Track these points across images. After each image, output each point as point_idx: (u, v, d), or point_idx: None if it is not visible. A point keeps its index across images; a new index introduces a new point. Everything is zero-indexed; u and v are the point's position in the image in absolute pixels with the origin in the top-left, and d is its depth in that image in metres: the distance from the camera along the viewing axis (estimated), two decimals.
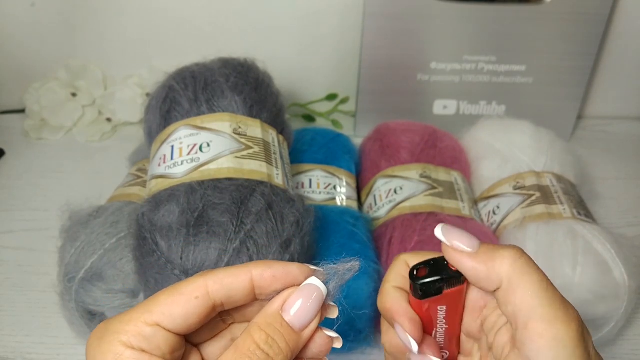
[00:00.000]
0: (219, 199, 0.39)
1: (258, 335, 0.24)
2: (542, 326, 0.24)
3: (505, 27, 0.65)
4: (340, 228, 0.48)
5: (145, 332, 0.23)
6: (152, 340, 0.23)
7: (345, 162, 0.58)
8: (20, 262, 0.55)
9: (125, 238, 0.44)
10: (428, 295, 0.27)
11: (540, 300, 0.24)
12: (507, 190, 0.54)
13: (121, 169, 0.61)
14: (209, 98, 0.45)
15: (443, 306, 0.28)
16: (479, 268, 0.26)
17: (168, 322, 0.24)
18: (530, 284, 0.25)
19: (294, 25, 0.69)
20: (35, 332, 0.49)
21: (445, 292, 0.27)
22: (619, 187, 0.67)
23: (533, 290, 0.25)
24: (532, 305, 0.24)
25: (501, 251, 0.26)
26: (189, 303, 0.24)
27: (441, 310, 0.28)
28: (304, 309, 0.25)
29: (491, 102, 0.70)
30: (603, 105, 0.78)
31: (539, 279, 0.25)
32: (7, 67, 0.73)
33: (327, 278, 0.26)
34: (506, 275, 0.25)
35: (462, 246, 0.26)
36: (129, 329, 0.23)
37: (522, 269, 0.25)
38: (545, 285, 0.25)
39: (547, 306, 0.24)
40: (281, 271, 0.25)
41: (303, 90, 0.73)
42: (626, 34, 0.71)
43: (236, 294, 0.25)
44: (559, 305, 0.24)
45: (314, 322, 0.25)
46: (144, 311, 0.24)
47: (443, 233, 0.27)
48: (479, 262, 0.26)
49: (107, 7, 0.68)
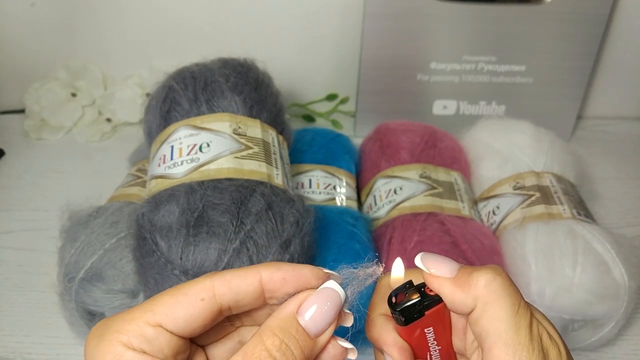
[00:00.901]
0: (219, 199, 0.39)
1: (271, 341, 0.22)
2: (505, 351, 0.24)
3: (505, 27, 0.65)
4: (340, 228, 0.48)
5: (147, 333, 0.22)
6: (154, 342, 0.22)
7: (345, 162, 0.58)
8: (20, 262, 0.55)
9: (125, 238, 0.44)
10: (411, 320, 0.27)
11: (508, 325, 0.24)
12: (506, 190, 0.54)
13: (121, 169, 0.61)
14: (209, 98, 0.45)
15: (430, 327, 0.28)
16: (456, 292, 0.26)
17: (171, 324, 0.23)
18: (500, 307, 0.24)
19: (294, 26, 0.69)
20: (35, 332, 0.49)
21: (427, 314, 0.27)
22: (619, 187, 0.67)
23: (501, 314, 0.24)
24: (498, 329, 0.24)
25: (477, 273, 0.25)
26: (194, 305, 0.23)
27: (429, 332, 0.28)
28: (320, 313, 0.24)
29: (491, 102, 0.70)
30: (603, 105, 0.78)
31: (510, 302, 0.24)
32: (7, 67, 0.73)
33: (345, 283, 0.25)
34: (480, 298, 0.25)
35: (440, 272, 0.26)
36: (130, 328, 0.22)
37: (495, 291, 0.25)
38: (516, 309, 0.24)
39: (513, 332, 0.24)
40: (292, 273, 0.24)
41: (303, 90, 0.73)
42: (626, 34, 0.71)
43: (244, 296, 0.24)
44: (524, 332, 0.24)
45: (330, 329, 0.24)
46: (146, 311, 0.23)
47: (422, 261, 0.27)
48: (456, 286, 0.26)
49: (107, 7, 0.68)
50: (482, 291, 0.25)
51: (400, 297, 0.27)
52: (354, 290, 0.25)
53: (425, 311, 0.27)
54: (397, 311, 0.27)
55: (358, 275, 0.25)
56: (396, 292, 0.27)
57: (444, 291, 0.26)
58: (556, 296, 0.44)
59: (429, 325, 0.28)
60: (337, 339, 0.25)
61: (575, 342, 0.47)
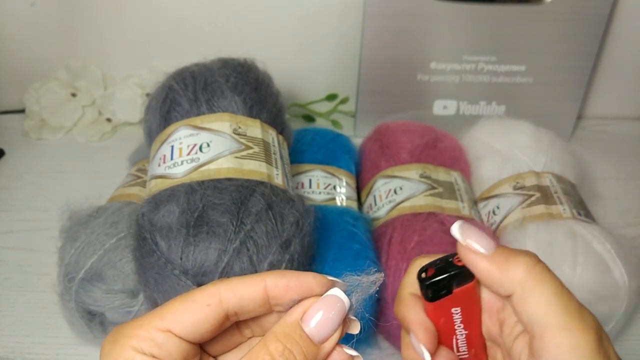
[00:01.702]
0: (219, 199, 0.39)
1: (274, 346, 0.23)
2: (558, 335, 0.23)
3: (505, 27, 0.65)
4: (340, 228, 0.48)
5: (157, 338, 0.23)
6: (163, 347, 0.23)
7: (345, 162, 0.58)
8: (20, 262, 0.55)
9: (125, 238, 0.44)
10: (438, 297, 0.26)
11: (555, 308, 0.24)
12: (507, 190, 0.54)
13: (121, 169, 0.61)
14: (209, 98, 0.45)
15: (457, 308, 0.27)
16: (492, 271, 0.25)
17: (179, 329, 0.23)
18: (545, 292, 0.24)
19: (294, 26, 0.69)
20: (35, 332, 0.49)
21: (455, 292, 0.26)
22: (619, 187, 0.67)
23: (547, 299, 0.24)
24: (547, 314, 0.24)
25: (517, 257, 0.25)
26: (201, 310, 0.24)
27: (456, 313, 0.27)
28: (325, 320, 0.24)
29: (491, 102, 0.70)
30: (603, 105, 0.77)
31: (553, 286, 0.24)
32: (7, 67, 0.73)
33: (350, 290, 0.25)
34: (520, 282, 0.24)
35: (477, 246, 0.25)
36: (140, 334, 0.23)
37: (537, 276, 0.24)
38: (560, 292, 0.24)
39: (563, 315, 0.24)
40: (295, 280, 0.25)
41: (303, 90, 0.73)
42: (626, 34, 0.71)
43: (249, 303, 0.25)
44: (574, 314, 0.24)
45: (335, 336, 0.24)
46: (156, 317, 0.24)
47: (460, 231, 0.26)
48: (492, 265, 0.25)
49: (107, 7, 0.68)
50: (523, 275, 0.24)
51: (430, 272, 0.27)
52: (359, 297, 0.25)
53: (454, 289, 0.26)
54: (425, 285, 0.26)
55: (362, 283, 0.25)
56: (427, 267, 0.27)
57: (480, 267, 0.25)
58: None
59: (457, 304, 0.27)
60: (343, 346, 0.25)
61: None
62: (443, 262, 0.27)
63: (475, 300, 0.28)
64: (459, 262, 0.26)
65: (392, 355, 0.48)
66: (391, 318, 0.45)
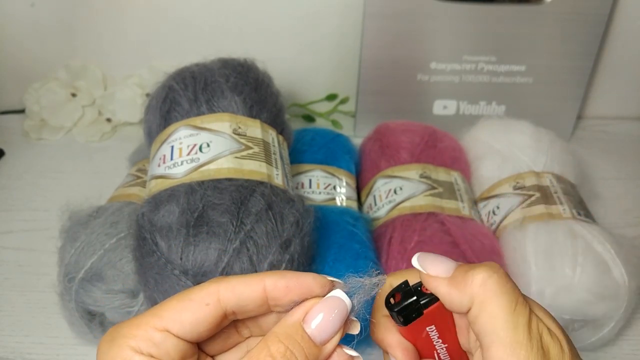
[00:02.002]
0: (219, 199, 0.39)
1: (275, 347, 0.23)
2: (502, 350, 0.23)
3: (505, 27, 0.65)
4: (340, 228, 0.48)
5: (155, 337, 0.23)
6: (161, 346, 0.23)
7: (345, 162, 0.58)
8: (20, 263, 0.55)
9: (125, 238, 0.44)
10: (410, 320, 0.27)
11: (505, 323, 0.24)
12: (506, 190, 0.54)
13: (121, 169, 0.61)
14: (209, 98, 0.45)
15: (431, 326, 0.27)
16: (452, 293, 0.25)
17: (177, 328, 0.23)
18: (496, 305, 0.24)
19: (294, 26, 0.69)
20: (35, 332, 0.49)
21: (425, 312, 0.27)
22: (619, 187, 0.67)
23: (498, 312, 0.24)
24: (496, 328, 0.24)
25: (472, 272, 0.25)
26: (199, 309, 0.24)
27: (431, 331, 0.28)
28: (326, 321, 0.24)
29: (491, 102, 0.70)
30: (603, 105, 0.77)
31: (507, 300, 0.24)
32: (7, 67, 0.73)
33: (351, 291, 0.25)
34: (476, 296, 0.25)
35: (435, 272, 0.26)
36: (138, 333, 0.23)
37: (491, 289, 0.24)
38: (514, 306, 0.24)
39: (511, 330, 0.24)
40: (295, 281, 0.24)
41: (303, 90, 0.73)
42: (626, 34, 0.71)
43: (248, 302, 0.25)
44: (522, 330, 0.24)
45: (336, 337, 0.24)
46: (154, 316, 0.23)
47: (418, 261, 0.27)
48: (452, 287, 0.25)
49: (107, 7, 0.68)
50: (477, 290, 0.25)
51: (398, 298, 0.27)
52: (360, 298, 0.25)
53: (424, 309, 0.27)
54: (394, 312, 0.27)
55: (364, 284, 0.25)
56: (393, 292, 0.27)
57: (441, 291, 0.26)
58: (556, 296, 0.44)
59: (430, 323, 0.27)
60: (344, 347, 0.25)
61: (575, 342, 0.47)
62: (406, 286, 0.27)
63: (447, 315, 0.28)
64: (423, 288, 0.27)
65: None
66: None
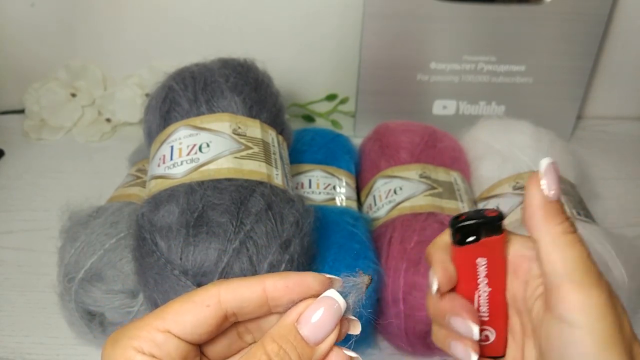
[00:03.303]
0: (219, 200, 0.39)
1: (270, 347, 0.24)
2: (575, 290, 0.25)
3: (505, 27, 0.65)
4: (340, 228, 0.48)
5: (157, 338, 0.24)
6: (162, 347, 0.23)
7: (345, 162, 0.58)
8: (20, 263, 0.55)
9: (125, 238, 0.44)
10: (466, 242, 0.27)
11: (577, 266, 0.25)
12: (506, 190, 0.54)
13: (121, 169, 0.61)
14: (209, 98, 0.45)
15: (483, 258, 0.28)
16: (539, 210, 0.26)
17: (179, 329, 0.24)
18: (573, 251, 0.26)
19: (294, 25, 0.69)
20: (35, 332, 0.49)
21: (483, 240, 0.27)
22: (619, 187, 0.67)
23: (573, 256, 0.25)
24: (568, 269, 0.25)
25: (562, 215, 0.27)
26: (200, 311, 0.24)
27: (481, 265, 0.28)
28: (319, 322, 0.24)
29: (491, 102, 0.70)
30: (603, 105, 0.77)
31: (581, 250, 0.26)
32: (7, 67, 0.73)
33: (347, 291, 0.25)
34: (553, 235, 0.26)
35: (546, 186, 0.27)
36: (141, 334, 0.24)
37: (570, 238, 0.26)
38: (586, 257, 0.26)
39: (583, 274, 0.25)
40: (294, 281, 0.25)
41: (303, 90, 0.73)
42: (626, 34, 0.71)
43: (248, 304, 0.25)
44: (594, 276, 0.25)
45: (331, 337, 0.24)
46: (156, 318, 0.24)
47: (545, 166, 0.27)
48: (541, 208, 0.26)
49: (107, 7, 0.68)
50: (558, 232, 0.26)
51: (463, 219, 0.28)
52: (355, 298, 0.25)
53: (483, 237, 0.27)
54: (454, 227, 0.27)
55: (357, 284, 0.25)
56: (460, 214, 0.28)
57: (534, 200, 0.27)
58: None
59: (483, 254, 0.28)
60: (343, 348, 0.25)
61: None
62: (476, 212, 0.28)
63: (501, 256, 0.28)
64: (491, 213, 0.28)
65: (392, 355, 0.48)
66: (391, 318, 0.46)
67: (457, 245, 0.28)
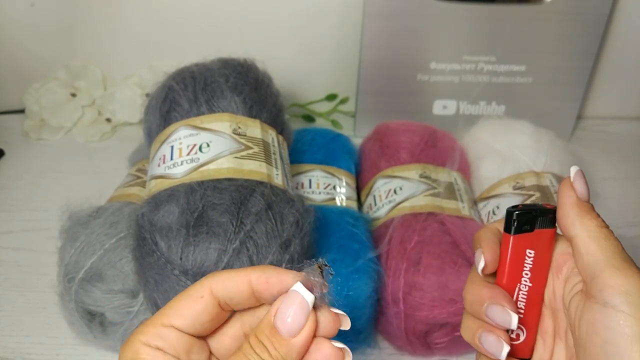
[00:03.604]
0: (219, 199, 0.39)
1: (252, 340, 0.25)
2: (618, 275, 0.26)
3: (505, 27, 0.65)
4: (340, 228, 0.48)
5: (162, 332, 0.25)
6: (167, 340, 0.25)
7: (345, 162, 0.58)
8: (20, 263, 0.55)
9: (125, 238, 0.44)
10: (520, 229, 0.28)
11: (615, 255, 0.26)
12: (506, 190, 0.54)
13: (121, 169, 0.61)
14: (209, 98, 0.45)
15: (532, 250, 0.28)
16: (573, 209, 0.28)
17: (180, 322, 0.26)
18: (609, 243, 0.27)
19: (294, 25, 0.69)
20: (35, 332, 0.49)
21: (536, 231, 0.28)
22: (619, 187, 0.67)
23: (610, 247, 0.27)
24: (607, 257, 0.26)
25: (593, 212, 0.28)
26: (196, 302, 0.26)
27: (529, 257, 0.28)
28: (288, 315, 0.25)
29: (491, 102, 0.70)
30: (603, 105, 0.77)
31: (616, 243, 0.27)
32: (7, 67, 0.73)
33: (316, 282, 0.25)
34: (589, 229, 0.27)
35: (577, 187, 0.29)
36: (148, 330, 0.26)
37: (605, 232, 0.27)
38: (621, 249, 0.27)
39: (622, 261, 0.26)
40: (274, 277, 0.26)
41: (303, 90, 0.73)
42: (626, 34, 0.71)
43: (236, 295, 0.26)
44: (632, 263, 0.26)
45: (306, 330, 0.25)
46: (161, 315, 0.26)
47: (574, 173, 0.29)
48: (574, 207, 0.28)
49: (107, 7, 0.68)
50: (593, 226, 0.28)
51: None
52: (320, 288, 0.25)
53: (536, 228, 0.28)
54: (511, 213, 0.28)
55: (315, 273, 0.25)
56: (517, 204, 0.29)
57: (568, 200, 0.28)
58: None
59: (533, 246, 0.28)
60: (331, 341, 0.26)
61: None
62: (532, 203, 0.29)
63: (549, 252, 0.29)
64: (548, 205, 0.29)
65: (392, 355, 0.48)
66: (391, 318, 0.46)
67: (510, 233, 0.28)
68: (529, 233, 0.28)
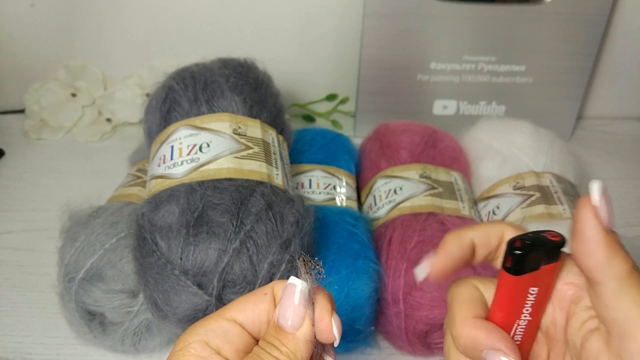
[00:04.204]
0: (219, 199, 0.39)
1: (262, 343, 0.27)
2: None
3: (505, 27, 0.65)
4: (340, 228, 0.48)
5: (224, 325, 0.27)
6: (227, 333, 0.26)
7: (345, 162, 0.58)
8: (20, 263, 0.55)
9: (125, 238, 0.44)
10: (525, 270, 0.24)
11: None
12: (506, 190, 0.54)
13: (121, 169, 0.61)
14: (209, 98, 0.45)
15: (535, 288, 0.25)
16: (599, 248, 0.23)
17: (242, 316, 0.27)
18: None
19: (294, 26, 0.69)
20: (35, 332, 0.49)
21: (542, 268, 0.24)
22: (619, 187, 0.67)
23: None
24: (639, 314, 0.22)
25: (623, 251, 0.23)
26: (259, 298, 0.27)
27: (532, 294, 0.25)
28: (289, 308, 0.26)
29: (491, 102, 0.70)
30: (603, 105, 0.78)
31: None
32: (7, 67, 0.73)
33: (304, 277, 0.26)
34: (619, 276, 0.23)
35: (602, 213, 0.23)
36: (209, 322, 0.27)
37: (636, 278, 0.23)
38: None
39: None
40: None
41: (303, 90, 0.73)
42: (626, 34, 0.71)
43: None
44: None
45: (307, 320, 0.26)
46: (225, 308, 0.27)
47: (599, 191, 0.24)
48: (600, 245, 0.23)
49: (107, 7, 0.68)
50: (625, 272, 0.23)
51: (518, 244, 0.24)
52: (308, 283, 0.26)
53: (542, 265, 0.24)
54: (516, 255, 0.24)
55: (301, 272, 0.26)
56: (516, 239, 0.24)
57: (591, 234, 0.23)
58: None
59: (537, 283, 0.25)
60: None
61: None
62: (535, 235, 0.25)
63: (552, 284, 0.26)
64: (553, 237, 0.24)
65: (392, 355, 0.48)
66: (391, 318, 0.46)
67: (514, 274, 0.24)
68: (534, 272, 0.24)
